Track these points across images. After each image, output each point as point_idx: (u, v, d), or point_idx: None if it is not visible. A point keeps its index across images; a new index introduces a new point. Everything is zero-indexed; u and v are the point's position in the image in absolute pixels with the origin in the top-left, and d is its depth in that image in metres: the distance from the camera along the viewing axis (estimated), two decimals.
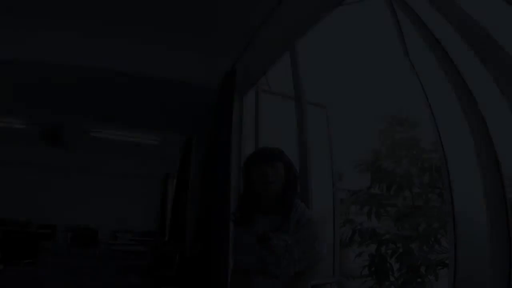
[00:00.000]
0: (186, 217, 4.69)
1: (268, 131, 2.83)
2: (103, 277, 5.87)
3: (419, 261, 3.14)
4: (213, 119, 3.05)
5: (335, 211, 2.91)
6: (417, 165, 3.30)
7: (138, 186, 8.61)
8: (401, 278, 3.31)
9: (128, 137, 6.28)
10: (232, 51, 2.87)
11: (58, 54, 3.13)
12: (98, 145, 7.12)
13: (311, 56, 2.41)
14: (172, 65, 3.20)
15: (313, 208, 2.05)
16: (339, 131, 3.40)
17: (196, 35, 3.01)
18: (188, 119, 4.41)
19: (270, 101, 2.93)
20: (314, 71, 2.31)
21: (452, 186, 1.73)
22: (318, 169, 2.71)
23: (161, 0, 2.55)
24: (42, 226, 6.83)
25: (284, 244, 1.37)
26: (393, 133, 3.33)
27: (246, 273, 1.53)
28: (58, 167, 7.98)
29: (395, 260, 3.29)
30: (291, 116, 2.67)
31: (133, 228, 7.58)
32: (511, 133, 1.31)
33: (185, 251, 4.19)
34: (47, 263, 5.32)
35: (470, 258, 1.65)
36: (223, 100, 2.92)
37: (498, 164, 1.25)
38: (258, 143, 2.79)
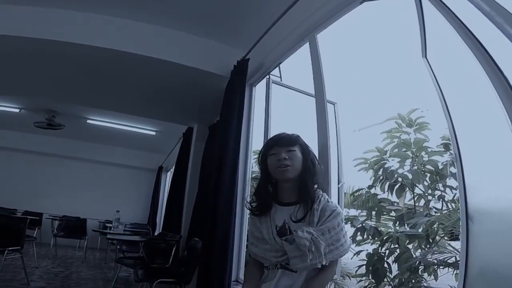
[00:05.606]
0: (182, 210, 4.63)
1: (278, 122, 2.82)
2: (92, 268, 5.75)
3: (417, 261, 3.16)
4: (222, 108, 3.01)
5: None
6: (420, 166, 3.32)
7: (131, 177, 8.51)
8: (396, 279, 3.33)
9: (125, 126, 6.16)
10: (246, 40, 2.84)
11: (62, 30, 3.03)
12: (94, 133, 6.96)
13: (324, 52, 2.40)
14: (182, 49, 3.16)
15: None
16: (347, 128, 3.40)
17: (210, 21, 2.99)
18: (190, 109, 4.34)
19: (282, 92, 2.91)
20: (327, 67, 2.29)
21: (465, 182, 1.72)
22: None
23: None
24: (28, 214, 6.63)
25: (309, 237, 1.29)
26: (400, 133, 3.35)
27: (263, 267, 1.48)
28: (50, 153, 7.82)
29: (393, 260, 3.30)
30: (302, 110, 2.65)
31: (124, 219, 7.46)
32: None
33: (180, 244, 4.13)
34: (32, 252, 5.19)
35: (481, 254, 1.65)
36: (233, 88, 2.88)
37: None
38: (268, 134, 2.76)
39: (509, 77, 1.31)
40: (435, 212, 3.30)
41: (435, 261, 2.96)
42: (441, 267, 3.03)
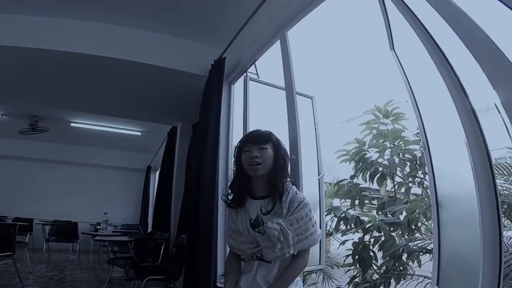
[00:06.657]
0: (171, 208, 4.67)
1: (256, 118, 2.85)
2: (86, 271, 5.78)
3: (400, 248, 3.23)
4: (201, 107, 3.04)
5: (321, 199, 2.96)
6: (399, 155, 3.39)
7: (121, 178, 8.48)
8: (383, 266, 3.41)
9: (110, 127, 6.14)
10: (222, 39, 2.87)
11: (38, 38, 3.02)
12: (79, 136, 6.92)
13: (299, 47, 2.43)
14: (159, 51, 3.18)
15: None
16: (326, 122, 3.45)
17: (186, 22, 3.01)
18: (173, 109, 4.37)
19: (259, 89, 2.95)
20: (302, 62, 2.32)
21: (433, 170, 1.77)
22: (305, 157, 2.75)
23: None
24: (19, 220, 6.60)
25: (278, 227, 1.36)
26: (378, 124, 3.40)
27: (241, 258, 1.55)
28: (36, 158, 7.76)
29: (378, 248, 3.37)
30: (279, 105, 2.70)
31: (114, 221, 7.46)
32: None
33: (169, 241, 4.18)
34: (25, 258, 5.19)
35: (450, 241, 1.70)
36: (212, 87, 2.91)
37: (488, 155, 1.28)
38: (247, 130, 2.80)
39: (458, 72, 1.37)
40: (414, 199, 3.38)
41: (416, 248, 3.04)
42: (423, 254, 3.10)
